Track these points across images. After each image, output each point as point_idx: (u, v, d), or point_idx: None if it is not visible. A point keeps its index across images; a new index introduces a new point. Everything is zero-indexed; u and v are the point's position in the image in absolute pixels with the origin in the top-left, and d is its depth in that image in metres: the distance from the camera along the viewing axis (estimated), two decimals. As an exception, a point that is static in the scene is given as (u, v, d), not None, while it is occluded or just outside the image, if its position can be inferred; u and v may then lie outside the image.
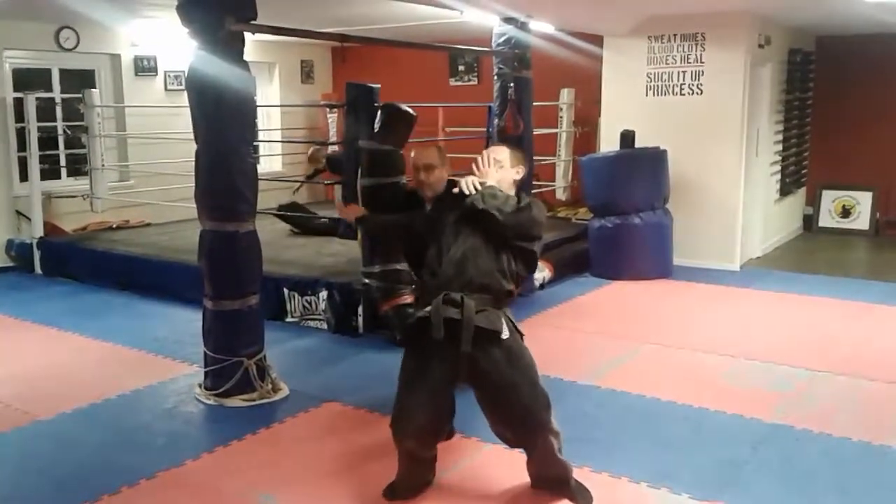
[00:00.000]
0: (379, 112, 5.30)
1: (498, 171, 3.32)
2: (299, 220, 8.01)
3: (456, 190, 3.29)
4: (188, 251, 6.03)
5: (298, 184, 9.05)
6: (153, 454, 3.68)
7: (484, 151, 3.43)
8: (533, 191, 6.95)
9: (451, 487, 3.30)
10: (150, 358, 5.13)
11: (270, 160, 10.57)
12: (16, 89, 7.95)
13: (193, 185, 4.28)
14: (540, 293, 6.68)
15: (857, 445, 3.71)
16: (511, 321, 3.13)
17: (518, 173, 3.43)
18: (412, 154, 3.92)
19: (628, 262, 7.14)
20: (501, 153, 3.40)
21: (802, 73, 8.77)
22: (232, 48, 4.11)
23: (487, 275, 3.10)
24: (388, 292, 5.17)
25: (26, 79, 8.20)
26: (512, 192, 3.29)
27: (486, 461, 3.54)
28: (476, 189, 3.18)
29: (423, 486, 3.26)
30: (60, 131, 8.42)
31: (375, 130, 5.28)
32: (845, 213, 9.32)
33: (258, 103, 4.38)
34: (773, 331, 5.62)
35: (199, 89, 4.12)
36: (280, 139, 10.36)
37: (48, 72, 8.41)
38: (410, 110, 5.42)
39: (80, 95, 8.12)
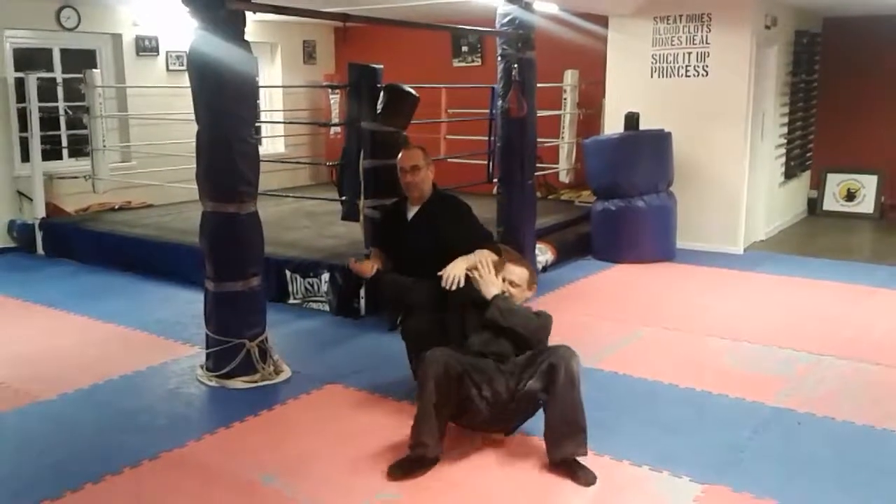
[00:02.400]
0: (382, 93, 5.26)
1: (512, 287, 3.59)
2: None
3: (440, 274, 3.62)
4: (190, 232, 6.02)
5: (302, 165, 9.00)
6: (155, 435, 3.68)
7: (498, 263, 3.68)
8: (536, 173, 6.93)
9: (452, 470, 3.30)
10: (151, 339, 5.13)
11: (273, 141, 10.54)
12: (17, 69, 7.92)
13: (195, 166, 4.27)
14: (542, 276, 6.65)
15: (860, 430, 3.70)
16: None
17: (530, 294, 3.73)
18: (399, 157, 4.11)
19: (631, 245, 7.12)
20: (521, 275, 3.64)
21: (809, 54, 8.69)
22: (232, 28, 4.07)
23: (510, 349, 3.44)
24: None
25: (27, 58, 8.16)
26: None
27: (486, 442, 3.54)
28: (458, 285, 3.58)
29: (431, 462, 3.27)
30: (62, 112, 8.40)
31: (378, 112, 5.25)
32: (850, 196, 9.27)
33: (260, 84, 4.35)
34: (776, 314, 5.60)
35: (201, 70, 4.09)
36: (282, 120, 10.31)
37: (49, 52, 8.36)
38: (413, 91, 5.39)
39: (81, 75, 8.08)
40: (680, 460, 3.36)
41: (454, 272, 3.61)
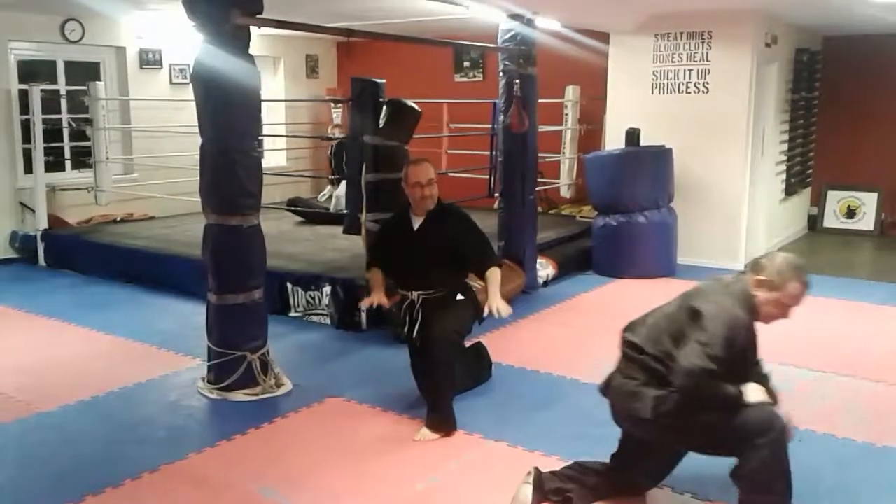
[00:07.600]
0: (384, 107, 5.29)
1: None
2: (304, 213, 8.18)
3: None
4: (192, 245, 6.03)
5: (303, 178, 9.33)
6: (156, 447, 3.68)
7: None
8: (537, 188, 6.95)
9: (453, 480, 3.31)
10: (153, 351, 5.13)
11: (275, 154, 10.57)
12: (21, 81, 7.95)
13: (198, 178, 4.29)
14: (543, 290, 6.67)
15: (861, 447, 3.70)
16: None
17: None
18: (410, 172, 4.01)
19: (632, 261, 7.12)
20: None
21: (809, 72, 8.74)
22: (238, 42, 4.11)
23: None
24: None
25: (31, 70, 8.21)
26: None
27: (487, 457, 3.55)
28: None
29: None
30: (65, 124, 8.43)
31: (380, 126, 5.27)
32: (850, 213, 9.29)
33: (263, 97, 4.37)
34: (775, 331, 5.50)
35: (205, 83, 4.11)
36: (285, 133, 10.36)
37: (53, 64, 8.41)
38: (416, 106, 5.42)
39: (84, 88, 8.13)
40: (682, 477, 3.35)
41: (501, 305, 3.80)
